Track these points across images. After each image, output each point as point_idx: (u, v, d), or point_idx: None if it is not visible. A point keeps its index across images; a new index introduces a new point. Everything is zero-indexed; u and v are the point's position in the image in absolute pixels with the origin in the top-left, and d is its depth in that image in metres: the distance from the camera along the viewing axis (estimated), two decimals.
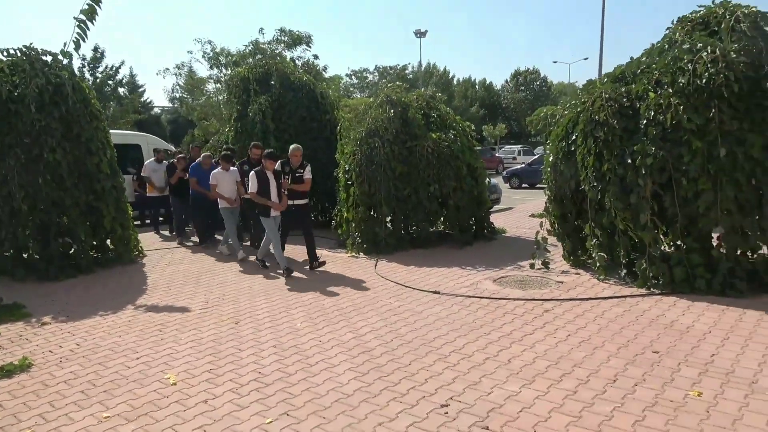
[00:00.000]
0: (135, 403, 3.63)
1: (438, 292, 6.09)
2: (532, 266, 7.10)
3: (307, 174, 7.55)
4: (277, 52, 28.00)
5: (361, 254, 8.35)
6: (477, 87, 67.17)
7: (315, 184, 8.65)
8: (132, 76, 39.78)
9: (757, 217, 5.58)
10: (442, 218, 9.20)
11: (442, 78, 62.91)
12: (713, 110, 5.52)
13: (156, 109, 42.54)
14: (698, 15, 6.41)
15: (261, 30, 34.39)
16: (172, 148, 13.51)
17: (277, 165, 7.39)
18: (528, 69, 68.40)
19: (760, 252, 5.82)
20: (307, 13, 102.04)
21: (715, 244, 5.83)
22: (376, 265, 7.52)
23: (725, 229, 5.58)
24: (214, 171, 8.53)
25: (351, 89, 51.51)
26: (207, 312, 5.66)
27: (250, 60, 26.87)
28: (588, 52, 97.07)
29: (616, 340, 4.45)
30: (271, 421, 3.32)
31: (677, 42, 6.19)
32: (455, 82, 66.42)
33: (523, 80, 68.24)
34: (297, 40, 28.03)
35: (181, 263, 8.20)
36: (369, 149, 8.49)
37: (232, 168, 8.50)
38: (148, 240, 9.99)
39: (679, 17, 6.58)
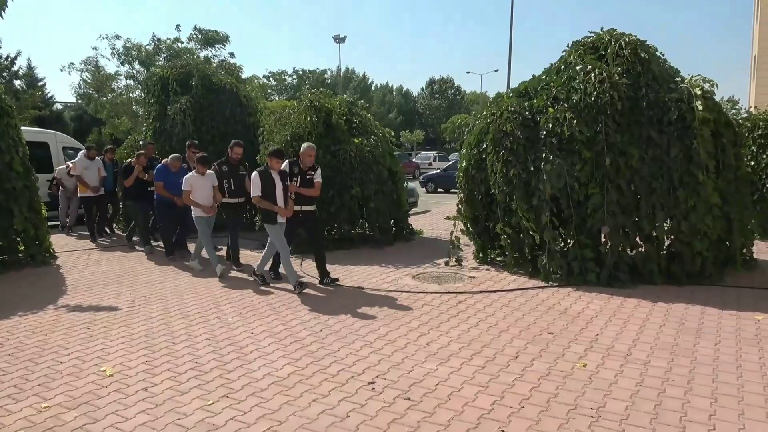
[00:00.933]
0: (73, 393, 3.75)
1: (362, 288, 6.51)
2: (447, 264, 7.70)
3: (318, 177, 6.82)
4: (192, 48, 27.34)
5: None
6: (395, 93, 68.68)
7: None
8: (30, 68, 37.08)
9: (636, 218, 6.47)
10: (361, 220, 9.64)
11: (361, 83, 63.79)
12: (600, 124, 6.36)
13: (58, 105, 39.85)
14: (589, 40, 7.28)
15: (178, 27, 33.36)
16: (81, 146, 13.00)
17: (284, 165, 6.63)
18: (443, 78, 70.93)
19: (638, 248, 6.73)
20: (222, 10, 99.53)
21: (603, 241, 6.69)
22: (301, 264, 7.81)
23: (610, 228, 6.42)
24: (188, 175, 7.49)
25: (269, 91, 50.96)
26: (135, 310, 5.73)
27: (163, 57, 26.13)
28: (498, 64, 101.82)
29: (519, 325, 5.07)
30: (212, 403, 3.58)
31: (571, 63, 7.02)
32: (374, 87, 67.52)
33: (438, 88, 70.65)
34: (212, 40, 27.50)
35: (100, 264, 8.07)
36: (294, 153, 8.76)
37: (209, 172, 7.55)
38: (60, 242, 9.65)
39: (573, 41, 7.44)
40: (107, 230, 10.64)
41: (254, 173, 6.50)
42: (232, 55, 28.38)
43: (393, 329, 5.00)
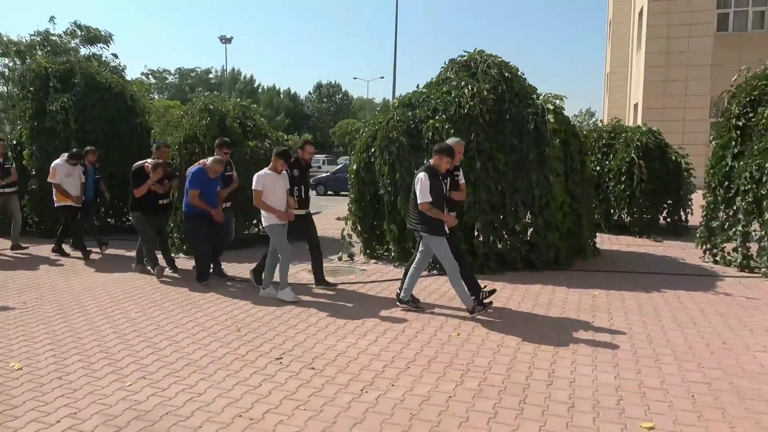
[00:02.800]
0: None
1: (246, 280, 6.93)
2: (339, 259, 8.32)
3: (462, 178, 6.13)
4: (71, 46, 25.55)
5: (181, 254, 8.72)
6: (282, 96, 68.23)
7: (128, 187, 8.64)
8: None
9: (502, 216, 7.51)
10: (255, 221, 9.97)
11: (248, 85, 62.67)
12: (472, 134, 7.32)
13: None
14: (463, 59, 8.28)
15: (52, 19, 30.89)
16: None
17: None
18: (330, 82, 71.71)
19: (505, 241, 7.79)
20: (98, 4, 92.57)
21: (476, 234, 7.66)
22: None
23: (481, 223, 7.40)
24: (261, 173, 6.12)
25: (150, 89, 48.51)
26: (29, 311, 5.69)
27: (39, 51, 24.16)
28: (384, 72, 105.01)
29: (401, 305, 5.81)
30: (131, 384, 3.88)
31: (448, 79, 7.96)
32: (260, 89, 66.60)
33: (326, 92, 71.31)
34: (95, 38, 25.89)
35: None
36: (188, 155, 8.91)
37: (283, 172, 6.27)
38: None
39: (450, 59, 8.41)
40: (63, 248, 9.00)
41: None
42: (115, 56, 26.88)
43: (294, 316, 5.51)
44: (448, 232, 5.45)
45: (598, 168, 11.55)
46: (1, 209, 9.47)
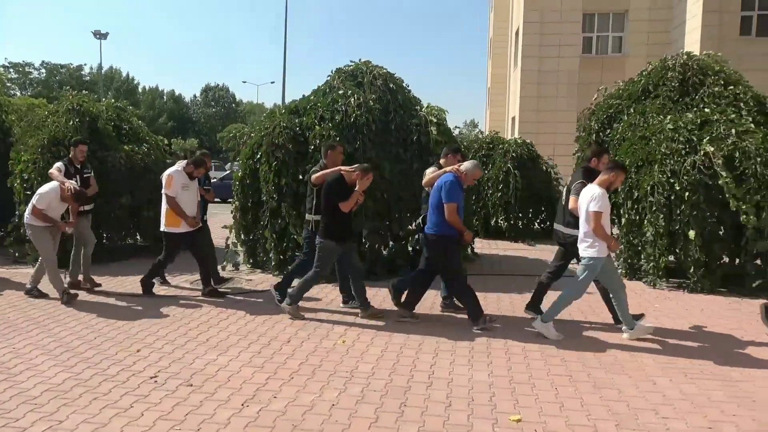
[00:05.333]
0: None
1: (138, 295, 6.50)
2: (224, 268, 8.03)
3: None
4: None
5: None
6: (165, 98, 64.72)
7: None
8: None
9: (388, 222, 7.69)
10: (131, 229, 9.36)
11: (126, 84, 58.69)
12: (359, 142, 7.43)
13: None
14: (350, 68, 8.38)
15: None
16: None
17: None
18: (218, 85, 69.28)
19: (391, 247, 7.98)
20: None
21: (363, 241, 7.76)
22: (65, 277, 7.34)
23: (368, 230, 7.53)
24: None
25: (9, 85, 43.85)
26: None
27: None
28: (274, 76, 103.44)
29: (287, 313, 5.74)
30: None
31: (335, 87, 8.02)
32: (141, 90, 62.70)
33: (213, 96, 68.77)
34: None
35: None
36: (53, 158, 8.16)
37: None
38: None
39: (337, 68, 8.47)
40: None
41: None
42: None
43: (172, 330, 5.23)
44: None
45: None
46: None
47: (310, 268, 5.74)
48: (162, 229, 6.59)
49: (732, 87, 8.02)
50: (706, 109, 7.69)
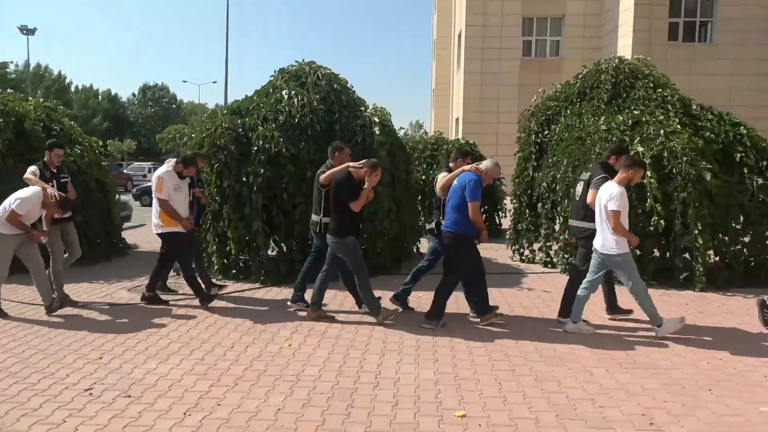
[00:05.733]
0: None
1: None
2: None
3: None
4: None
5: None
6: (100, 97, 62.00)
7: None
8: None
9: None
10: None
11: (57, 83, 55.80)
12: (303, 143, 7.36)
13: None
14: (293, 68, 8.30)
15: None
16: None
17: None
18: (157, 84, 67.00)
19: None
20: None
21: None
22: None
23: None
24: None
25: None
26: None
27: None
28: (216, 76, 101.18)
29: (235, 321, 5.62)
30: None
31: (278, 88, 7.93)
32: (74, 89, 59.80)
33: (152, 95, 66.45)
34: None
35: None
36: None
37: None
38: None
39: (280, 68, 8.38)
40: None
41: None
42: None
43: (108, 340, 5.02)
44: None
45: (423, 177, 12.35)
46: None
47: (318, 270, 5.71)
48: (159, 231, 6.19)
49: (660, 90, 8.45)
50: (636, 111, 8.08)
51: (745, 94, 21.11)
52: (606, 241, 5.10)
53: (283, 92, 7.72)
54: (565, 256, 8.13)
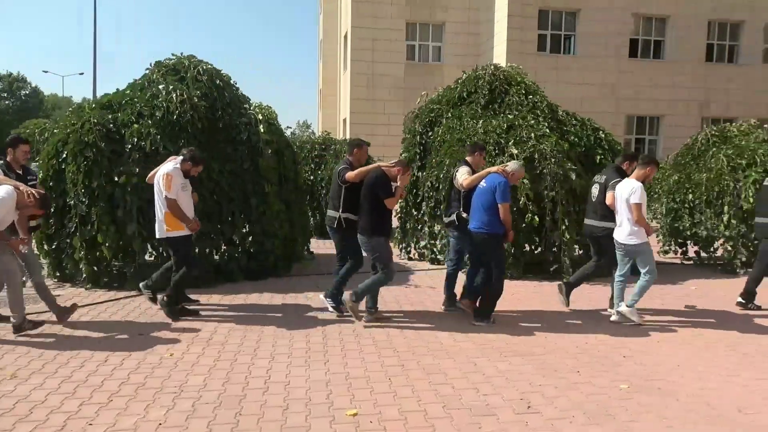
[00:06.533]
0: None
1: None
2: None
3: None
4: None
5: None
6: None
7: None
8: None
9: (219, 226, 7.34)
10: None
11: None
12: (183, 141, 6.98)
13: None
14: (171, 62, 7.84)
15: None
16: None
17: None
18: (13, 74, 60.23)
19: (224, 252, 7.62)
20: None
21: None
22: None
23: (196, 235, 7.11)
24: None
25: None
26: None
27: None
28: (83, 67, 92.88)
29: (112, 332, 5.19)
30: None
31: (155, 82, 7.44)
32: None
33: (8, 87, 59.67)
34: None
35: None
36: None
37: None
38: None
39: (156, 61, 7.87)
40: None
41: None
42: None
43: None
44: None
45: (312, 177, 12.27)
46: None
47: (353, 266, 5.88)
48: (164, 235, 5.66)
49: (531, 96, 9.09)
50: (510, 116, 8.63)
51: (598, 102, 23.40)
52: (628, 233, 5.62)
53: (161, 86, 7.26)
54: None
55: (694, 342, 5.17)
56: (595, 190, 6.21)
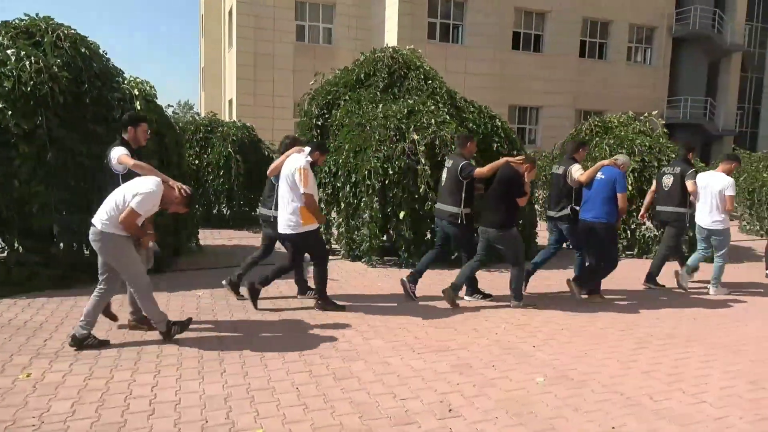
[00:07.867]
0: None
1: None
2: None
3: None
4: None
5: None
6: None
7: None
8: None
9: (89, 216, 6.37)
10: None
11: None
12: (41, 117, 5.94)
13: None
14: (22, 23, 6.64)
15: None
16: None
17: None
18: None
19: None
20: None
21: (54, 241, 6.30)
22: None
23: (60, 227, 6.13)
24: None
25: None
26: None
27: None
28: None
29: None
30: None
31: (2, 45, 6.25)
32: None
33: None
34: None
35: None
36: None
37: None
38: None
39: (3, 21, 6.63)
40: None
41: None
42: None
43: None
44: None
45: (197, 161, 11.32)
46: None
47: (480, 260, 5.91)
48: (300, 230, 5.31)
49: (430, 81, 8.96)
50: (410, 101, 8.42)
51: (484, 92, 24.23)
52: (715, 219, 6.56)
53: (9, 51, 6.10)
54: (348, 243, 8.12)
55: (589, 328, 5.29)
56: (668, 180, 6.91)
